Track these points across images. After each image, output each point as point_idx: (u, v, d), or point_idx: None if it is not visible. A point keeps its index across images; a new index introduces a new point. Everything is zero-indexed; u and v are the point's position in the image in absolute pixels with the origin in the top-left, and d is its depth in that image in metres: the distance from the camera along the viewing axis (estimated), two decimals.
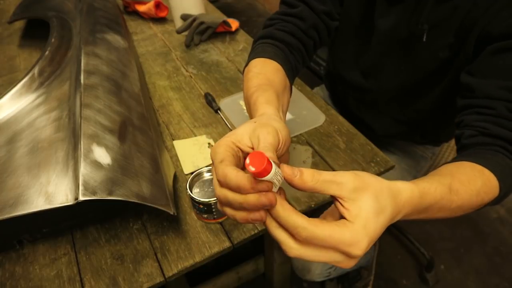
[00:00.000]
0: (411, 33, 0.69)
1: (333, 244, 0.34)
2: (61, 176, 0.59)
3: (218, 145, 0.40)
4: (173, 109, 0.90)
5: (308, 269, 0.88)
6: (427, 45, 0.68)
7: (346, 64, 0.88)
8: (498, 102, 0.55)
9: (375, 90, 0.84)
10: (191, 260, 0.60)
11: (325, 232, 0.34)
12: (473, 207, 0.51)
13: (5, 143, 0.68)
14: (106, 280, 0.58)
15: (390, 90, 0.81)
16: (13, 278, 0.59)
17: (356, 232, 0.34)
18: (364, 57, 0.81)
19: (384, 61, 0.78)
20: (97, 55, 0.87)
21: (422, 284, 1.31)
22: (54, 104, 0.75)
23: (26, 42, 1.19)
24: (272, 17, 0.72)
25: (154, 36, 1.19)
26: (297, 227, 0.34)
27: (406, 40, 0.71)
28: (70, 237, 0.64)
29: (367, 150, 0.77)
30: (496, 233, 1.45)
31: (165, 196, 0.61)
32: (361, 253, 0.35)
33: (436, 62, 0.70)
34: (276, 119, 0.45)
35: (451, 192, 0.46)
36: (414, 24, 0.68)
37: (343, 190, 0.36)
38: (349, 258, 0.36)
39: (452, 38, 0.65)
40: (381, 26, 0.72)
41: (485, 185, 0.51)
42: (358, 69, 0.85)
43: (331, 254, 0.35)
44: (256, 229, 0.64)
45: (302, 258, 0.36)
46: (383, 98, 0.85)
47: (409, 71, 0.75)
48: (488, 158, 0.54)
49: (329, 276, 0.91)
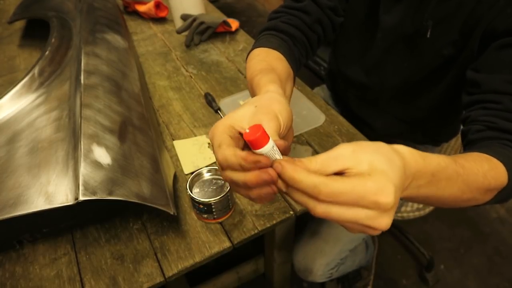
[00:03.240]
0: (416, 29, 0.69)
1: (358, 196, 0.32)
2: (61, 176, 0.59)
3: (216, 128, 0.39)
4: (173, 109, 0.90)
5: (310, 270, 0.88)
6: (431, 41, 0.68)
7: (349, 61, 0.88)
8: (505, 96, 0.55)
9: (377, 88, 0.84)
10: (191, 260, 0.60)
11: (346, 185, 0.32)
12: (480, 189, 0.47)
13: (5, 143, 0.68)
14: (106, 280, 0.58)
15: (392, 87, 0.81)
16: (13, 278, 0.59)
17: (378, 179, 0.32)
18: (367, 54, 0.81)
19: (387, 58, 0.78)
20: (97, 55, 0.87)
21: (422, 284, 1.31)
22: (54, 104, 0.75)
23: (26, 42, 1.19)
24: (277, 10, 0.72)
25: (154, 36, 1.19)
26: (317, 185, 0.32)
27: (410, 37, 0.71)
28: (70, 237, 0.64)
29: None
30: (496, 233, 1.45)
31: (165, 196, 0.61)
32: (391, 200, 0.32)
33: (440, 59, 0.69)
34: (277, 98, 0.44)
35: (456, 164, 0.44)
36: (418, 20, 0.68)
37: (344, 159, 0.34)
38: (381, 210, 0.33)
39: (457, 35, 0.65)
40: (386, 22, 0.73)
41: (492, 170, 0.48)
42: (361, 67, 0.85)
43: (359, 210, 0.33)
44: (256, 229, 0.64)
45: (329, 217, 0.33)
46: (385, 96, 0.85)
47: (412, 68, 0.75)
48: (496, 150, 0.52)
49: (331, 277, 0.91)
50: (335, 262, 0.87)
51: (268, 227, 0.64)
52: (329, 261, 0.86)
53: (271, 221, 0.65)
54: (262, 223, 0.65)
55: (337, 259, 0.87)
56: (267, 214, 0.66)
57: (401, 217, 1.02)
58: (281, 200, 0.68)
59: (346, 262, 0.93)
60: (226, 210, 0.64)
